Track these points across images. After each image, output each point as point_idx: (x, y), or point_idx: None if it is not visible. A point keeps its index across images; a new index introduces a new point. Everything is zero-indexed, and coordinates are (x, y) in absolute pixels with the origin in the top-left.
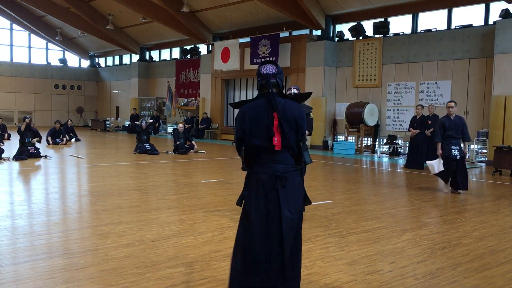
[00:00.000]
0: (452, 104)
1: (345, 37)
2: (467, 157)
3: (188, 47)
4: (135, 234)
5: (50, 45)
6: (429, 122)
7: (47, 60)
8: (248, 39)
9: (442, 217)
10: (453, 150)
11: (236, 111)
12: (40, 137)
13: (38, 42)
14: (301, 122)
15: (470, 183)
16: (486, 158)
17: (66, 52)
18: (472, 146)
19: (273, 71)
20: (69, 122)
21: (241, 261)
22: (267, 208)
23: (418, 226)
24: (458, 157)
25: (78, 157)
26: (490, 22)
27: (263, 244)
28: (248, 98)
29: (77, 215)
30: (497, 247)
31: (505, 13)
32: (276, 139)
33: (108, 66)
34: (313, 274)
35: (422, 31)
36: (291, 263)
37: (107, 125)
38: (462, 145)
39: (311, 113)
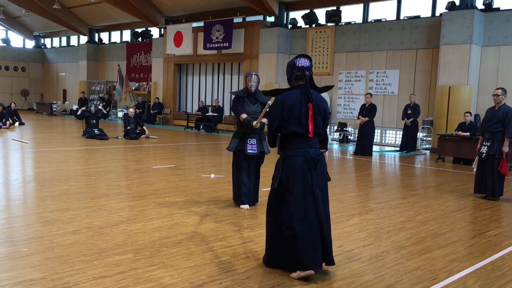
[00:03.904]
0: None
1: (298, 25)
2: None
3: (139, 30)
4: (83, 221)
5: None
6: (409, 111)
7: None
8: (201, 24)
9: (387, 202)
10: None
11: (189, 97)
12: None
13: None
14: (327, 113)
15: (415, 170)
16: (430, 146)
17: (9, 32)
18: (418, 134)
19: (308, 64)
20: (13, 105)
21: (287, 242)
22: (303, 187)
23: (365, 211)
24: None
25: (22, 141)
26: (437, 13)
27: (301, 221)
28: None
29: (21, 201)
30: (438, 231)
31: (451, 5)
32: (310, 126)
33: (54, 47)
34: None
35: (372, 20)
36: (328, 236)
37: (54, 109)
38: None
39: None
